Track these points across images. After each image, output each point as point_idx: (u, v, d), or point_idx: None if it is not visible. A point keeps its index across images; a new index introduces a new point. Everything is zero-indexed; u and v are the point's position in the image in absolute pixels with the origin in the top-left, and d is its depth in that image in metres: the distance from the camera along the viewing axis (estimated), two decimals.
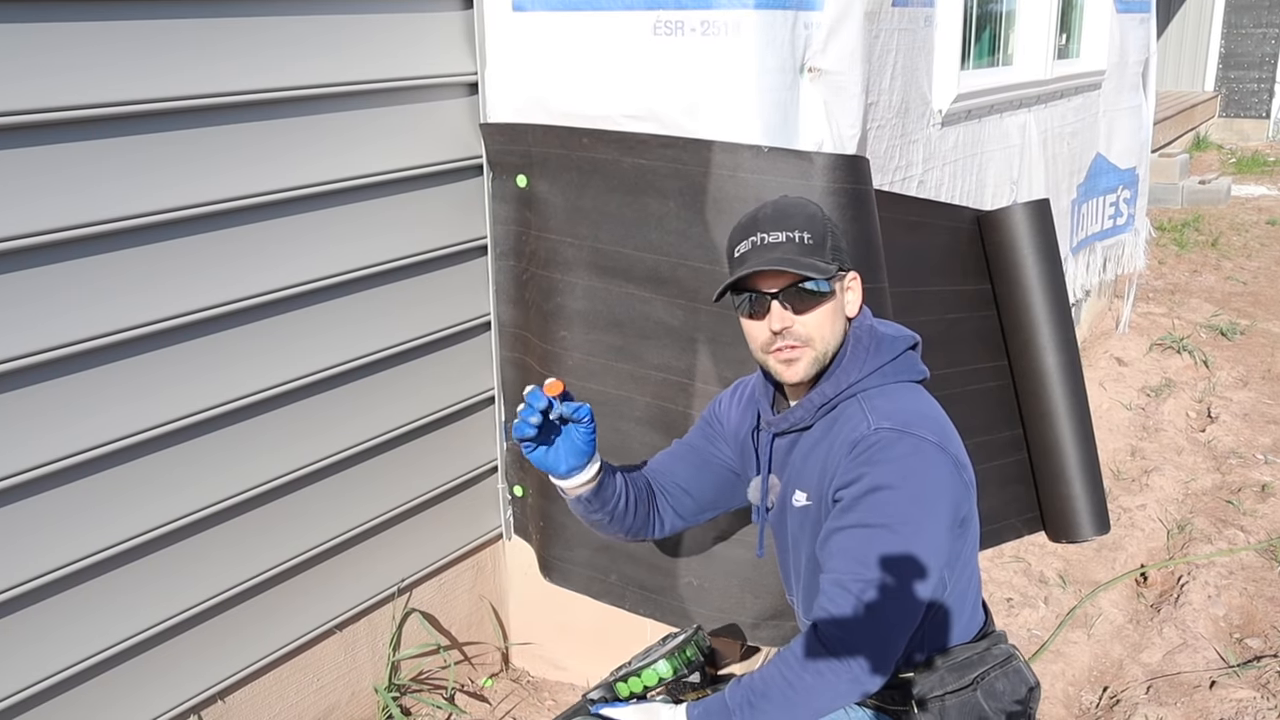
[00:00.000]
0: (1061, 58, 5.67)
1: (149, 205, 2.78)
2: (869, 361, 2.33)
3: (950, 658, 2.39)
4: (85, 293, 2.68)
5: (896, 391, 2.32)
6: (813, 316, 2.28)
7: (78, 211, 2.64)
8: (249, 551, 3.21)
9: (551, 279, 3.49)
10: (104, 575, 2.87)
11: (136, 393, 2.84)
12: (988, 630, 2.49)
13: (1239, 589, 4.60)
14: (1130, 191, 6.81)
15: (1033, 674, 2.49)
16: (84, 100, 2.61)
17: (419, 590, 3.79)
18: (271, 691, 3.37)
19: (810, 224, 2.29)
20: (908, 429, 2.22)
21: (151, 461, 2.91)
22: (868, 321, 2.40)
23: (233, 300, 3.01)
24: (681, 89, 3.16)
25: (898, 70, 3.64)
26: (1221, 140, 17.85)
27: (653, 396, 3.36)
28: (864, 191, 3.15)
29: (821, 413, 2.35)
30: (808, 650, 2.16)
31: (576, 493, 2.48)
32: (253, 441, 3.15)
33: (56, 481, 2.73)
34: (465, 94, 3.57)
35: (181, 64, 2.79)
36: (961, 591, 2.38)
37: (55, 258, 2.62)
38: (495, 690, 3.96)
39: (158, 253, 2.82)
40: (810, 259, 2.25)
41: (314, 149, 3.16)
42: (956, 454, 2.26)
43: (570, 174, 3.39)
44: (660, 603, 3.49)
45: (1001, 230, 3.89)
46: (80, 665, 2.85)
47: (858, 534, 2.18)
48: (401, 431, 3.57)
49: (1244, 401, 6.79)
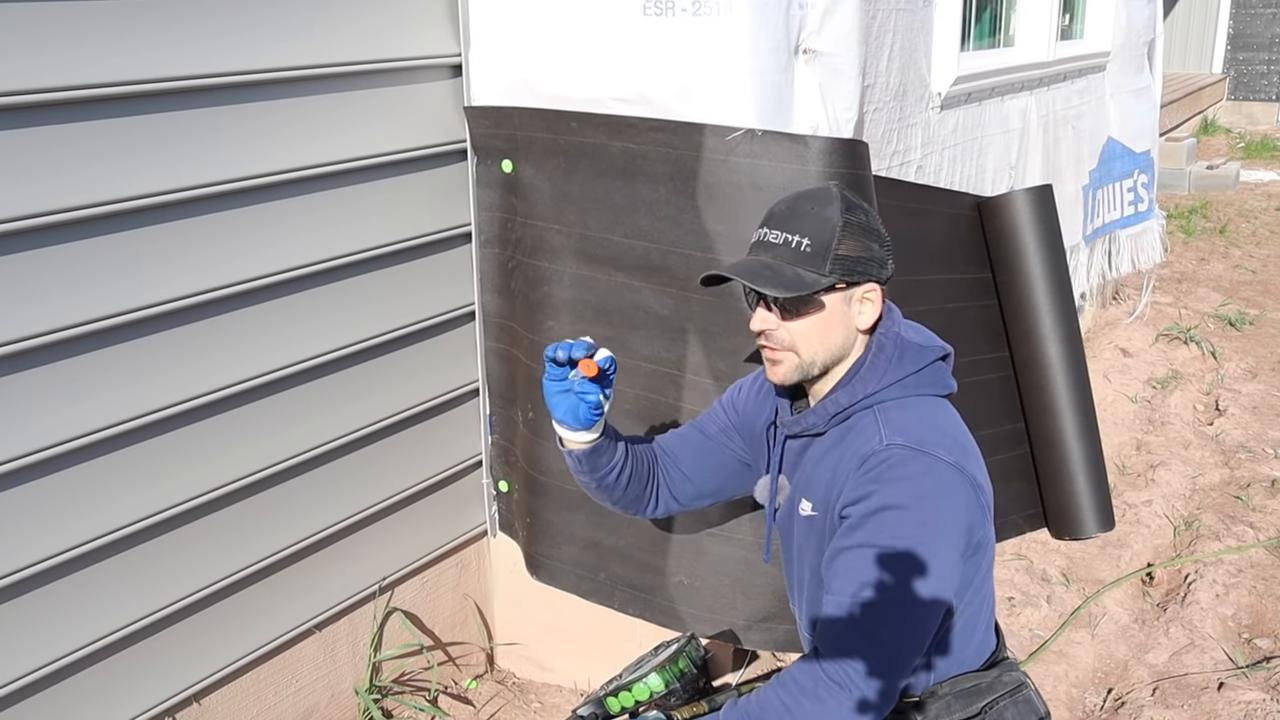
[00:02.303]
0: (1065, 38, 5.67)
1: (121, 191, 2.77)
2: (890, 372, 2.28)
3: (958, 684, 2.36)
4: (40, 285, 2.68)
5: (916, 405, 2.28)
6: (800, 324, 2.26)
7: (50, 197, 2.63)
8: (225, 548, 3.20)
9: (538, 267, 3.49)
10: (72, 574, 2.86)
11: (105, 386, 2.83)
12: (999, 656, 2.45)
13: (1248, 587, 4.61)
14: (1147, 176, 6.78)
15: (1043, 703, 2.45)
16: (57, 83, 2.60)
17: (401, 589, 3.78)
18: (249, 693, 3.37)
19: (817, 229, 2.24)
20: (922, 447, 2.17)
21: (122, 457, 2.90)
22: (895, 329, 2.34)
23: (207, 289, 3.00)
24: (672, 71, 3.15)
25: (895, 52, 3.64)
26: (1230, 124, 17.86)
27: (642, 388, 3.36)
28: (861, 177, 3.15)
29: (835, 421, 2.31)
30: (808, 675, 2.13)
31: (571, 448, 2.51)
32: (228, 435, 3.14)
33: (19, 479, 2.72)
34: (449, 76, 3.56)
35: (154, 44, 2.78)
36: (973, 616, 2.34)
37: (21, 246, 2.62)
38: (480, 692, 3.96)
39: (129, 240, 2.81)
40: (797, 268, 2.22)
41: (291, 133, 3.15)
42: (975, 475, 2.21)
43: (557, 158, 3.38)
44: (650, 602, 3.48)
45: (1003, 217, 3.89)
46: (47, 668, 2.84)
47: (864, 554, 2.14)
48: (383, 425, 3.57)
49: (1253, 394, 6.80)
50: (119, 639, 2.99)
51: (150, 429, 2.95)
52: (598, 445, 2.51)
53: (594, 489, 2.60)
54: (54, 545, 2.79)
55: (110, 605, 2.95)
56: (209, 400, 3.06)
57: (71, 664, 2.89)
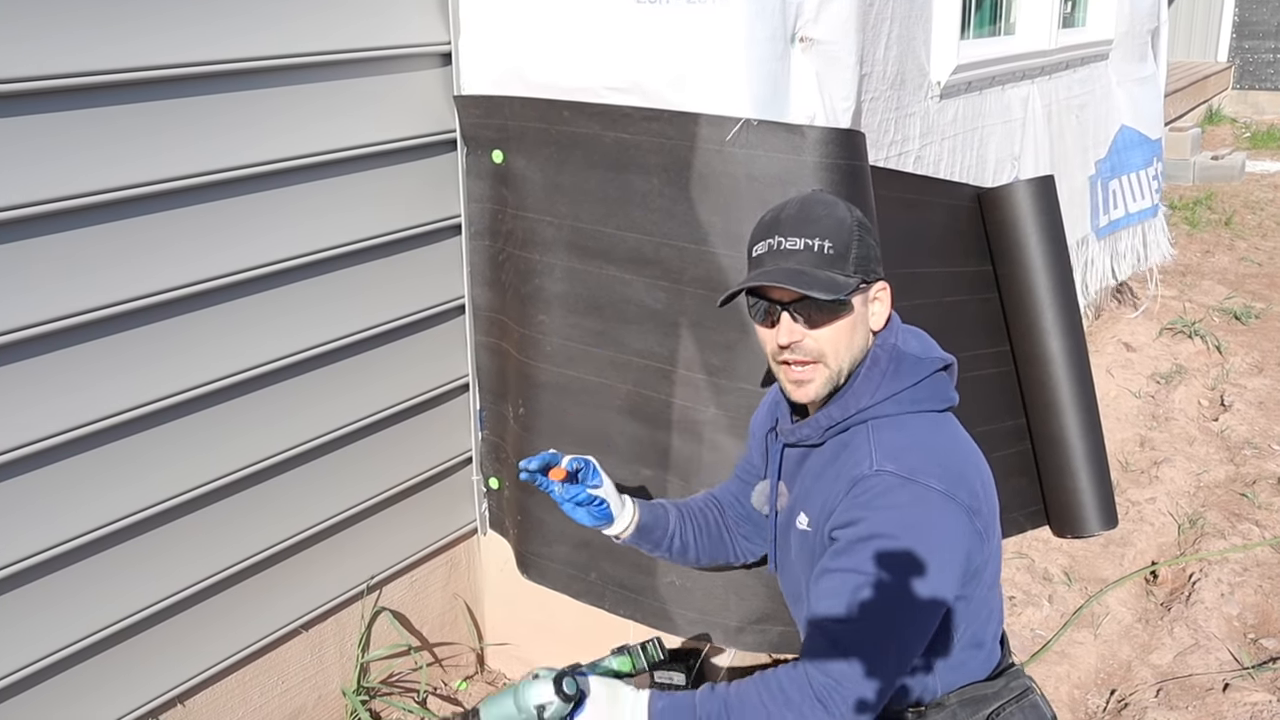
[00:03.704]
0: (1066, 26, 5.66)
1: (103, 182, 2.76)
2: (884, 386, 2.26)
3: (964, 694, 2.37)
4: (19, 278, 2.67)
5: (910, 424, 2.25)
6: (826, 331, 2.22)
7: (32, 188, 2.62)
8: (210, 546, 3.19)
9: (529, 260, 3.48)
10: (51, 574, 2.85)
11: (86, 381, 2.82)
12: (1006, 665, 2.46)
13: (1254, 586, 4.61)
14: (1160, 165, 6.77)
15: (1050, 708, 2.45)
16: (37, 71, 2.59)
17: (389, 588, 3.78)
18: (234, 694, 3.36)
19: (836, 230, 2.22)
20: (912, 475, 2.15)
21: (101, 454, 2.90)
22: (892, 339, 2.32)
23: (193, 282, 2.99)
24: (666, 60, 3.14)
25: (893, 39, 3.63)
26: (1235, 114, 17.87)
27: (634, 384, 3.35)
28: (859, 168, 3.14)
29: (830, 434, 2.30)
30: (795, 686, 2.13)
31: (622, 538, 2.65)
32: (212, 431, 3.13)
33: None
34: (438, 64, 3.55)
35: (137, 32, 2.77)
36: (977, 632, 2.34)
37: (2, 238, 2.61)
38: (470, 693, 3.96)
39: (110, 232, 2.80)
40: (827, 271, 2.19)
41: (277, 122, 3.14)
42: (969, 501, 2.17)
43: (549, 149, 3.38)
44: (640, 603, 3.48)
45: (1004, 208, 3.88)
46: (26, 669, 2.83)
47: (849, 580, 2.13)
48: (370, 421, 3.56)
49: (1259, 389, 6.80)
50: (100, 639, 2.98)
51: (131, 425, 2.94)
52: (641, 525, 2.62)
53: (670, 558, 2.73)
54: (31, 545, 2.79)
55: (90, 605, 2.95)
56: (192, 396, 3.05)
57: (51, 665, 2.89)
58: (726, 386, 3.17)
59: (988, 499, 2.25)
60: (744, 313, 3.05)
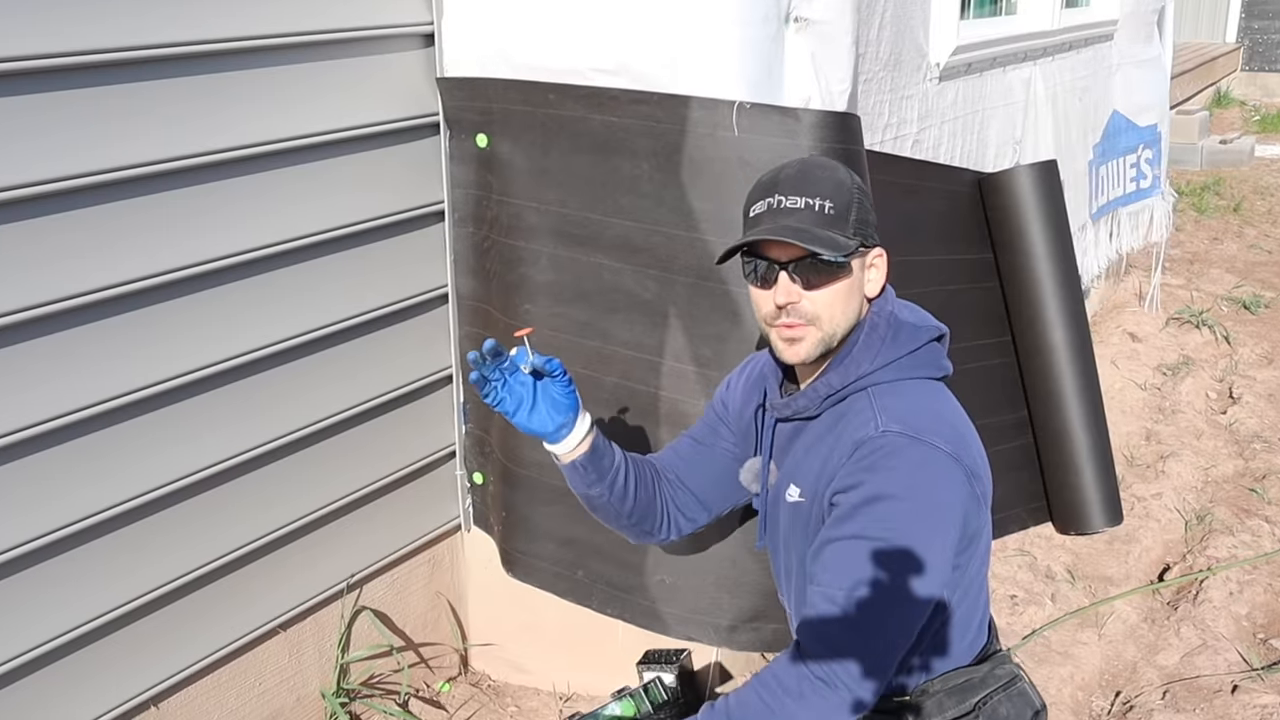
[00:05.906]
0: (1070, 6, 5.66)
1: (71, 168, 2.74)
2: (883, 352, 2.29)
3: (949, 681, 2.37)
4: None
5: (911, 389, 2.29)
6: (824, 294, 2.24)
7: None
8: (183, 544, 3.18)
9: (514, 247, 3.47)
10: (18, 573, 2.84)
11: (51, 374, 2.80)
12: (991, 650, 2.47)
13: (1263, 585, 4.61)
14: (1152, 151, 6.79)
15: (1039, 696, 2.47)
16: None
17: (370, 586, 3.77)
18: (209, 696, 3.36)
19: (836, 191, 2.24)
20: (919, 435, 2.18)
21: (71, 448, 2.88)
22: (889, 307, 2.35)
23: (164, 271, 2.97)
24: (656, 40, 3.13)
25: (887, 19, 3.62)
26: (1244, 96, 17.88)
27: (620, 376, 3.34)
28: (855, 152, 3.14)
29: (828, 404, 2.32)
30: (791, 673, 2.13)
31: (571, 458, 2.51)
32: (186, 424, 3.12)
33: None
34: (420, 45, 3.53)
35: (106, 14, 2.75)
36: (968, 610, 2.36)
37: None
38: (453, 695, 3.95)
39: (76, 220, 2.79)
40: (828, 231, 2.21)
41: (254, 106, 3.12)
42: (971, 465, 2.22)
43: (534, 133, 3.37)
44: (629, 602, 3.48)
45: (1005, 194, 3.88)
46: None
47: (853, 546, 2.14)
48: (351, 413, 3.55)
49: (1269, 381, 6.81)
50: (69, 640, 2.96)
51: (101, 419, 2.92)
52: (596, 445, 2.53)
53: (608, 500, 2.59)
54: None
55: (58, 605, 2.93)
56: (163, 389, 3.04)
57: (17, 668, 2.87)
58: (716, 379, 3.16)
59: (984, 465, 2.29)
60: (735, 302, 3.04)
